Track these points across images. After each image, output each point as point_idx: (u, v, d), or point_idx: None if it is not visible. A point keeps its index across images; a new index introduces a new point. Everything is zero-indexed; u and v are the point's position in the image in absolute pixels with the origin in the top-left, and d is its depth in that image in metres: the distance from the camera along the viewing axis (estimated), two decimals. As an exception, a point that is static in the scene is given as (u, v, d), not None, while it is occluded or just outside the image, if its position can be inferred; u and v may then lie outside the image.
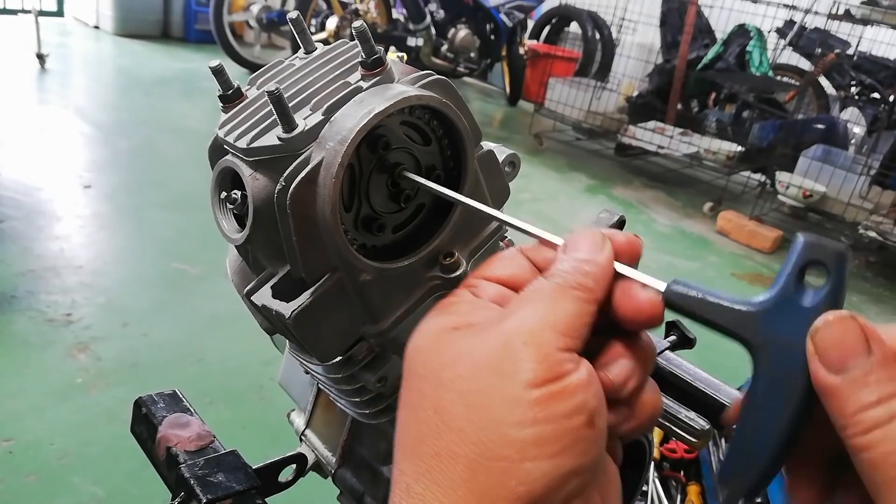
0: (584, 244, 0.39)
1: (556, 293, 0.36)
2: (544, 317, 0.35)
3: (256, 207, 0.44)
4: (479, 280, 0.41)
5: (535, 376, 0.33)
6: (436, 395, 0.35)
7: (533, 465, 0.32)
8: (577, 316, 0.36)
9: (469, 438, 0.33)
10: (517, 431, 0.32)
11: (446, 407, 0.34)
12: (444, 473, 0.33)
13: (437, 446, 0.34)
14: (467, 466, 0.33)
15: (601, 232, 0.39)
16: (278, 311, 0.45)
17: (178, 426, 0.65)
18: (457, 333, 0.37)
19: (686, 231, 4.44)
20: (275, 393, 1.77)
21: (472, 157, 0.48)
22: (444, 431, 0.34)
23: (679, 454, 1.96)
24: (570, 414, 0.33)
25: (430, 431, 0.34)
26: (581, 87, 5.62)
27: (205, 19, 6.52)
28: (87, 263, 2.67)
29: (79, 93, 5.11)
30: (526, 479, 0.32)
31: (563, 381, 0.33)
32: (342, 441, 0.71)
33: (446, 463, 0.33)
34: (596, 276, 0.37)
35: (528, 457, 0.32)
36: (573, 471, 0.33)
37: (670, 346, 0.69)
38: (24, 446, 1.78)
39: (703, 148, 5.08)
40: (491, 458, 0.32)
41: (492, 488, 0.32)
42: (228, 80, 0.47)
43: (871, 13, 4.50)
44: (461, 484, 0.33)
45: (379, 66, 0.45)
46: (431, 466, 0.34)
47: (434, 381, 0.35)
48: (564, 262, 0.38)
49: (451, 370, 0.35)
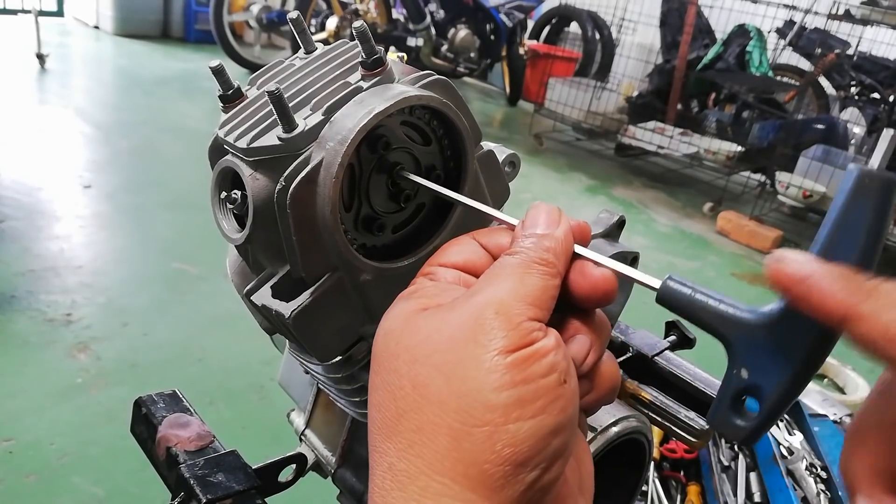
0: (542, 220, 0.41)
1: (521, 268, 0.38)
2: (513, 290, 0.36)
3: (256, 207, 0.44)
4: (434, 267, 0.42)
5: (509, 343, 0.34)
6: (413, 372, 0.35)
7: (516, 427, 0.33)
8: (543, 289, 0.37)
9: (450, 408, 0.34)
10: (497, 395, 0.33)
11: (424, 381, 0.35)
12: (428, 446, 0.34)
13: (418, 421, 0.34)
14: (451, 436, 0.33)
15: (556, 207, 0.41)
16: (278, 311, 0.45)
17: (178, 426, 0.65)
18: (427, 313, 0.38)
19: (686, 231, 4.44)
20: (275, 393, 1.77)
21: (472, 157, 0.48)
22: (424, 405, 0.34)
23: (679, 454, 1.96)
24: (545, 373, 0.34)
25: (409, 407, 0.35)
26: (581, 87, 5.62)
27: (205, 19, 6.52)
28: (87, 263, 2.67)
29: (79, 93, 5.10)
30: (511, 440, 0.33)
31: (535, 346, 0.35)
32: (342, 441, 0.71)
33: (429, 435, 0.34)
34: (556, 251, 0.39)
35: (511, 418, 0.33)
36: (554, 428, 0.34)
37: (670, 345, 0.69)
38: (24, 446, 1.78)
39: (703, 148, 5.08)
40: (474, 424, 0.33)
41: (478, 454, 0.33)
42: (228, 80, 0.47)
43: (871, 13, 4.50)
44: (446, 454, 0.33)
45: (379, 66, 0.45)
46: (414, 441, 0.34)
47: (409, 358, 0.36)
48: (526, 239, 0.40)
49: (426, 346, 0.36)
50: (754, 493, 1.85)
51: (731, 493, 1.85)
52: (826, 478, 1.90)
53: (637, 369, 0.67)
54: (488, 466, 0.33)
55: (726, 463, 1.93)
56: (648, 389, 0.65)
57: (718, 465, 1.92)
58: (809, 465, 1.93)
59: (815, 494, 1.84)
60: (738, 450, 1.97)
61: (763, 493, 1.84)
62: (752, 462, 1.94)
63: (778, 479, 1.81)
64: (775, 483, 1.82)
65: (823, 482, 1.89)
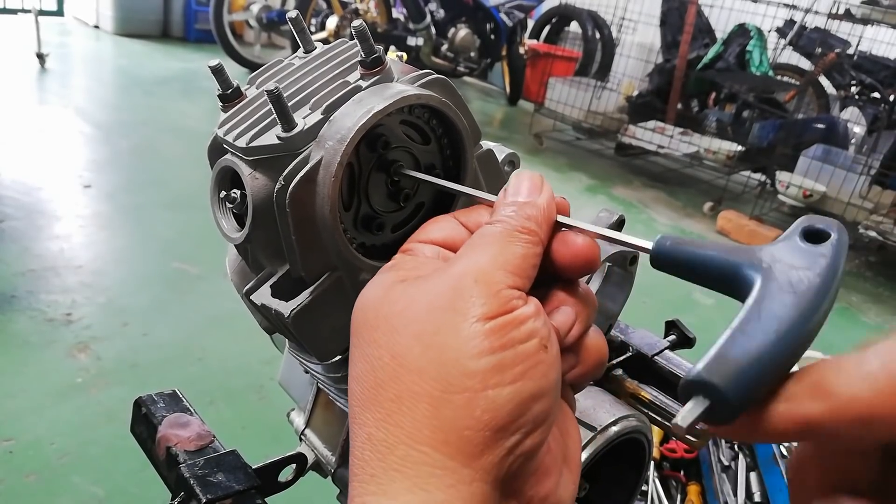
0: (524, 188, 0.40)
1: (502, 236, 0.38)
2: (493, 258, 0.36)
3: (256, 206, 0.44)
4: (413, 244, 0.42)
5: (488, 310, 0.34)
6: (391, 342, 0.35)
7: (495, 392, 0.33)
8: (524, 257, 0.37)
9: (429, 376, 0.33)
10: (476, 362, 0.33)
11: (402, 351, 0.35)
12: (407, 414, 0.34)
13: (396, 390, 0.34)
14: (430, 404, 0.33)
15: (539, 175, 0.41)
16: (277, 311, 0.45)
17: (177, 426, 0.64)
18: (406, 283, 0.38)
19: (686, 231, 4.44)
20: (275, 392, 1.77)
21: (472, 156, 0.48)
22: (403, 374, 0.34)
23: (679, 454, 1.96)
24: (524, 339, 0.34)
25: (387, 377, 0.35)
26: (581, 86, 5.62)
27: (205, 19, 6.52)
28: (87, 263, 2.67)
29: (79, 92, 5.10)
30: (490, 406, 0.33)
31: (514, 312, 0.35)
32: (342, 440, 0.71)
33: (408, 404, 0.34)
34: (538, 219, 0.39)
35: (490, 384, 0.33)
36: (535, 394, 0.34)
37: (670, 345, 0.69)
38: (24, 446, 1.78)
39: (703, 148, 5.08)
40: (453, 391, 0.33)
41: (457, 420, 0.33)
42: (228, 80, 0.47)
43: (871, 13, 4.50)
44: (425, 422, 0.33)
45: (378, 65, 0.45)
46: (392, 410, 0.34)
47: (388, 329, 0.36)
48: (507, 207, 0.39)
49: (405, 315, 0.36)
50: (754, 493, 1.84)
51: (731, 492, 1.85)
52: (826, 477, 1.90)
53: (637, 369, 0.67)
54: (468, 432, 0.33)
55: (726, 463, 1.93)
56: (648, 389, 0.65)
57: (718, 464, 1.92)
58: (809, 464, 1.93)
59: (815, 494, 1.84)
60: (738, 449, 1.97)
61: (763, 493, 1.84)
62: (752, 462, 1.94)
63: (778, 479, 1.81)
64: (775, 483, 1.82)
65: (823, 482, 1.89)
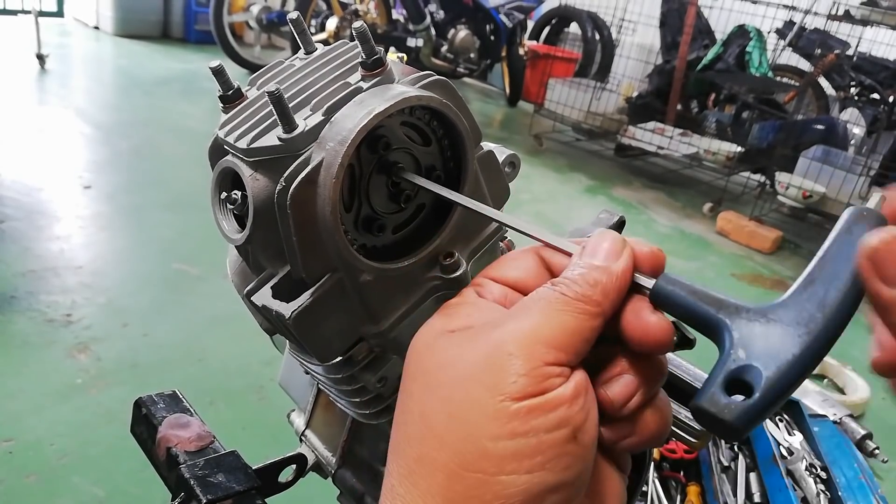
0: (602, 250, 0.36)
1: (556, 304, 0.34)
2: (538, 329, 0.34)
3: (256, 208, 0.44)
4: (485, 280, 0.40)
5: (518, 389, 0.32)
6: (422, 399, 0.35)
7: (509, 479, 0.32)
8: (575, 332, 0.34)
9: (448, 447, 0.33)
10: (494, 444, 0.32)
11: (430, 413, 0.34)
12: (424, 478, 0.33)
13: (419, 450, 0.34)
14: (445, 474, 0.33)
15: (624, 238, 0.37)
16: (278, 312, 0.45)
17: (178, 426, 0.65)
18: (452, 337, 0.36)
19: (686, 231, 4.44)
20: (275, 393, 1.77)
21: (472, 157, 0.48)
22: (427, 437, 0.34)
23: (679, 454, 1.96)
24: (551, 428, 0.32)
25: (414, 434, 0.34)
26: (581, 87, 5.62)
27: (205, 20, 6.52)
28: (87, 264, 2.67)
29: (79, 93, 5.10)
30: (502, 492, 0.32)
31: (546, 395, 0.32)
32: (342, 441, 0.71)
33: (427, 468, 0.33)
34: (606, 288, 0.35)
35: (505, 470, 0.32)
36: (553, 486, 0.32)
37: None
38: (24, 446, 1.78)
39: (702, 148, 5.08)
40: (468, 469, 0.32)
41: (467, 499, 0.32)
42: (228, 81, 0.47)
43: (871, 14, 4.50)
44: (438, 491, 0.33)
45: (379, 66, 0.45)
46: (413, 470, 0.34)
47: (423, 385, 0.35)
48: (575, 269, 0.36)
49: (438, 376, 0.35)
50: (754, 494, 1.85)
51: (731, 493, 1.85)
52: (826, 478, 1.90)
53: (637, 370, 0.67)
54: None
55: (726, 463, 1.93)
56: (648, 390, 0.65)
57: (718, 465, 1.92)
58: (809, 465, 1.93)
59: (814, 495, 1.84)
60: (737, 450, 1.97)
61: (763, 494, 1.84)
62: (751, 462, 1.94)
63: (778, 480, 1.81)
64: (775, 483, 1.82)
65: (823, 482, 1.89)
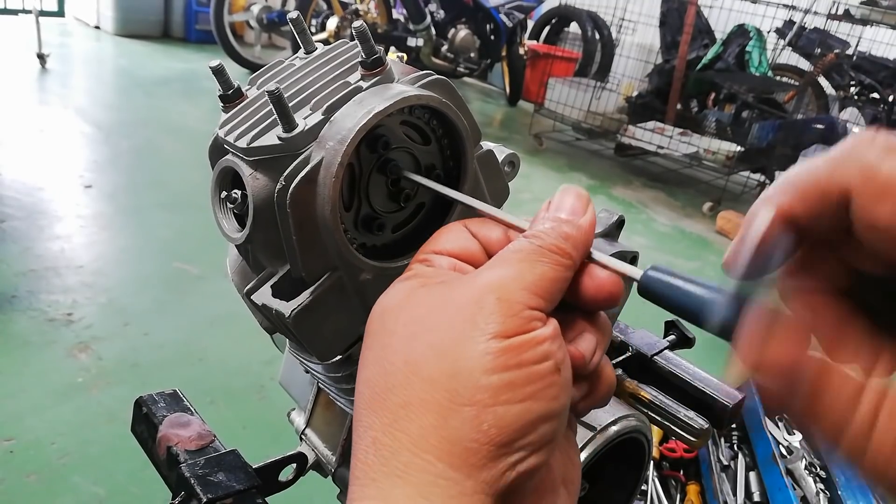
0: (567, 204, 0.40)
1: (534, 254, 0.37)
2: (520, 276, 0.36)
3: (256, 207, 0.44)
4: (429, 255, 0.42)
5: (505, 328, 0.34)
6: (407, 348, 0.35)
7: (504, 409, 0.33)
8: (553, 280, 0.37)
9: (441, 385, 0.34)
10: (488, 377, 0.33)
11: (417, 358, 0.35)
12: (414, 422, 0.34)
13: (406, 396, 0.34)
14: (438, 413, 0.33)
15: (586, 194, 0.40)
16: (278, 311, 0.45)
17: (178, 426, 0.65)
18: (429, 287, 0.38)
19: (685, 231, 4.44)
20: (275, 392, 1.77)
21: (472, 156, 0.48)
22: (415, 381, 0.34)
23: (678, 453, 1.96)
24: (539, 360, 0.34)
25: (398, 382, 0.35)
26: (581, 87, 5.62)
27: (205, 19, 6.52)
28: (87, 263, 2.67)
29: (79, 93, 5.10)
30: (498, 421, 0.33)
31: (532, 334, 0.35)
32: (342, 440, 0.71)
33: (416, 411, 0.34)
34: (576, 240, 0.38)
35: (500, 401, 0.33)
36: (543, 415, 0.34)
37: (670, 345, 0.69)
38: (24, 446, 1.78)
39: (702, 148, 5.08)
40: (462, 403, 0.33)
41: (464, 432, 0.33)
42: (229, 80, 0.47)
43: (871, 13, 4.50)
44: (432, 431, 0.33)
45: (379, 65, 0.45)
46: (400, 416, 0.34)
47: (406, 335, 0.36)
48: (545, 222, 0.39)
49: (424, 322, 0.36)
50: (754, 493, 1.85)
51: (731, 492, 1.85)
52: (825, 477, 1.90)
53: (636, 369, 0.67)
54: (473, 445, 0.33)
55: (726, 462, 1.93)
56: (648, 389, 0.65)
57: (718, 464, 1.93)
58: (809, 464, 1.93)
59: (814, 494, 1.84)
60: (737, 449, 1.97)
61: (762, 493, 1.84)
62: (751, 461, 1.94)
63: (777, 479, 1.81)
64: (775, 482, 1.82)
65: (823, 482, 1.89)
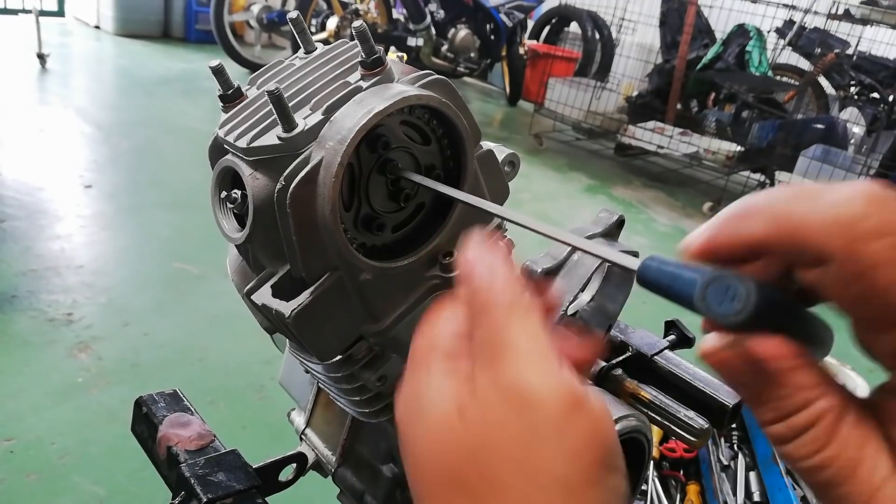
0: (477, 270, 0.36)
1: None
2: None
3: (256, 207, 0.44)
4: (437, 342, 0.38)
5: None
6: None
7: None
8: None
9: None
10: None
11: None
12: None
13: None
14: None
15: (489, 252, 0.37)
16: (278, 310, 0.45)
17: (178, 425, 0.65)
18: (468, 419, 0.34)
19: (686, 231, 4.43)
20: (275, 392, 1.77)
21: (472, 156, 0.48)
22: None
23: (678, 453, 1.96)
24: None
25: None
26: (581, 87, 5.62)
27: (205, 19, 6.52)
28: (88, 263, 2.67)
29: (79, 93, 5.10)
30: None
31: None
32: (342, 440, 0.71)
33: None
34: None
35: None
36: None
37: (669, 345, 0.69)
38: (24, 445, 1.78)
39: (702, 148, 5.08)
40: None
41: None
42: (229, 80, 0.47)
43: (871, 13, 4.50)
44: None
45: (379, 65, 0.45)
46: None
47: (487, 489, 0.33)
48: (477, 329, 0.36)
49: (497, 474, 0.33)
50: (754, 493, 1.85)
51: (731, 492, 1.85)
52: (826, 477, 1.90)
53: (636, 369, 0.67)
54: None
55: (726, 462, 1.93)
56: (648, 389, 0.65)
57: (718, 464, 1.93)
58: (809, 464, 1.93)
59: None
60: (737, 449, 1.97)
61: (762, 493, 1.84)
62: (751, 461, 1.94)
63: (777, 479, 1.81)
64: (775, 482, 1.82)
65: (823, 482, 1.89)
